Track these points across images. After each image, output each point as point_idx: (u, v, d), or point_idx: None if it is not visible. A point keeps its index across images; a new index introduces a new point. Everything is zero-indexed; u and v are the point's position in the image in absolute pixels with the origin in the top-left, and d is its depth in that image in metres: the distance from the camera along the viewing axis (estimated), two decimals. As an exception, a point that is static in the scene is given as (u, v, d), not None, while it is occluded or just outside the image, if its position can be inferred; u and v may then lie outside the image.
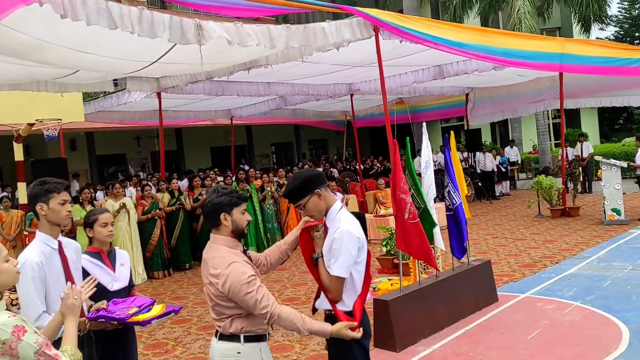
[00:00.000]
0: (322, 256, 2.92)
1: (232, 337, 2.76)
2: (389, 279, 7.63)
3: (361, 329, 2.86)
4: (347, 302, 2.91)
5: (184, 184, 12.82)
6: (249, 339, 2.77)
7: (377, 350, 5.28)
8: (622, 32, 29.51)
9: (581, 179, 14.93)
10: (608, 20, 22.05)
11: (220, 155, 20.33)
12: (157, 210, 9.48)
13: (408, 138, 5.75)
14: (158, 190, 10.12)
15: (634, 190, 13.81)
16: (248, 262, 2.84)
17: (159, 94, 10.75)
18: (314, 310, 3.16)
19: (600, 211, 11.96)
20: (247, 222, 2.94)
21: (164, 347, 5.93)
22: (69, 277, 3.12)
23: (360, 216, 11.62)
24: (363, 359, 2.92)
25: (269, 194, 11.10)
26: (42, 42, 6.06)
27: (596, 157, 11.54)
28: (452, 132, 6.40)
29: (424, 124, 5.85)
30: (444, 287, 5.92)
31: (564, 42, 10.96)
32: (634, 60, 12.14)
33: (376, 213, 11.68)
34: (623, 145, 20.11)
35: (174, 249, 9.91)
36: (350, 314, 2.90)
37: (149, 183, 10.61)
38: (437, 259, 6.11)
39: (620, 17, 29.97)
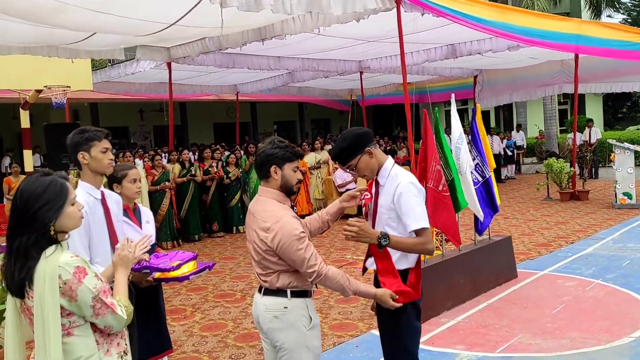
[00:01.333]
0: (387, 239, 2.74)
1: (279, 292, 2.69)
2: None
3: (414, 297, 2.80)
4: (403, 261, 2.83)
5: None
6: (296, 294, 2.70)
7: (400, 321, 5.24)
8: (629, 20, 29.31)
9: (590, 164, 14.89)
10: (619, 5, 21.86)
11: (223, 132, 20.18)
12: (167, 182, 9.37)
13: (437, 109, 5.62)
14: (169, 161, 10.00)
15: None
16: (297, 218, 2.75)
17: (169, 65, 10.57)
18: (364, 269, 3.09)
19: (609, 196, 11.94)
20: (297, 180, 2.85)
21: (183, 313, 5.88)
22: (111, 229, 3.03)
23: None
24: (416, 319, 2.85)
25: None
26: (61, 4, 5.90)
27: (610, 141, 11.47)
28: (478, 105, 6.31)
29: (453, 96, 5.72)
30: (466, 261, 5.87)
31: (581, 24, 10.86)
32: (646, 45, 12.07)
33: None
34: (619, 139, 20.05)
35: (183, 220, 9.82)
36: (405, 273, 2.81)
37: (160, 153, 10.48)
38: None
39: (629, 4, 29.77)
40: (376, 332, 4.98)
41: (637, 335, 4.59)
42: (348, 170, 2.99)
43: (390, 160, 2.91)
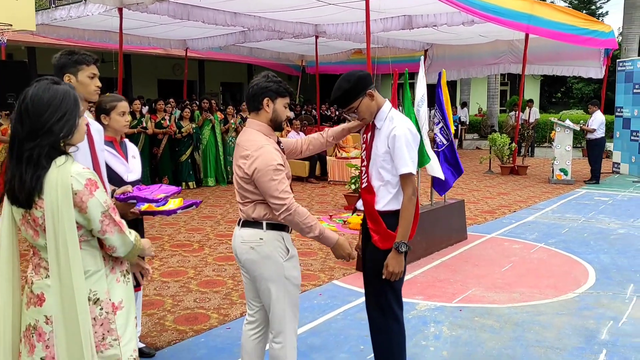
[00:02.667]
0: (402, 245, 2.81)
1: (255, 224, 2.72)
2: (358, 214, 7.73)
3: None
4: (394, 202, 2.89)
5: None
6: (271, 226, 2.71)
7: (359, 274, 5.39)
8: (570, 6, 30.53)
9: (530, 142, 15.60)
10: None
11: (168, 89, 19.56)
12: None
13: (407, 69, 5.73)
14: (118, 111, 9.63)
15: (578, 157, 14.63)
16: (279, 151, 2.76)
17: (120, 10, 10.10)
18: (354, 210, 3.16)
19: (545, 172, 12.62)
20: (287, 117, 2.86)
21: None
22: (94, 157, 2.93)
23: (321, 158, 11.67)
24: (403, 261, 2.94)
25: (233, 126, 10.86)
26: None
27: (552, 119, 12.06)
28: (444, 71, 6.46)
29: (422, 58, 5.83)
30: (423, 220, 6.02)
31: (533, 4, 11.21)
32: (589, 31, 12.69)
33: (336, 156, 11.78)
34: (560, 117, 21.09)
35: (132, 173, 9.54)
36: (394, 215, 2.88)
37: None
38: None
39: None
40: (338, 283, 5.16)
41: (580, 292, 4.95)
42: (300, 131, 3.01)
43: (388, 103, 2.94)
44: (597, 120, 11.16)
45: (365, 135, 3.02)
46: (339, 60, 18.39)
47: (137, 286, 3.67)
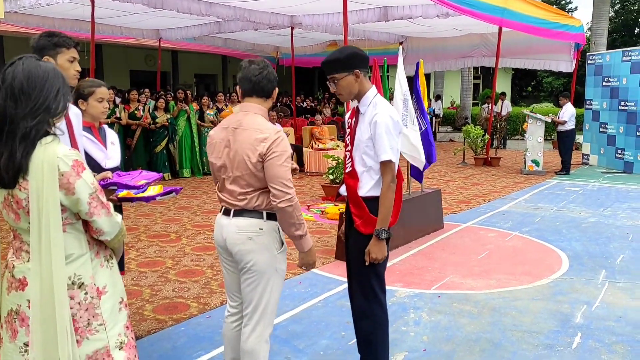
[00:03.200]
0: (382, 231, 2.81)
1: (255, 213, 2.64)
2: (335, 204, 7.77)
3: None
4: (377, 188, 2.90)
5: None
6: (270, 216, 2.68)
7: (338, 262, 5.42)
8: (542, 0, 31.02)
9: (503, 134, 15.83)
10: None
11: (141, 80, 19.25)
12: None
13: (386, 59, 5.76)
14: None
15: (549, 149, 14.93)
16: None
17: (92, -1, 9.91)
18: (338, 195, 3.17)
19: (517, 163, 12.84)
20: None
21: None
22: (73, 142, 2.86)
23: (297, 149, 11.66)
24: (386, 244, 2.96)
25: (208, 117, 10.76)
26: None
27: (524, 111, 12.27)
28: (422, 61, 6.50)
29: (400, 49, 5.86)
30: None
31: (507, -3, 11.34)
32: (560, 25, 12.93)
33: (312, 147, 11.77)
34: (532, 110, 21.48)
35: (105, 164, 9.38)
36: (377, 200, 2.88)
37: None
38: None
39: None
40: (317, 271, 5.18)
41: (554, 278, 5.06)
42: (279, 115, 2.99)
43: (373, 89, 2.93)
44: (568, 113, 11.38)
45: (350, 120, 3.02)
46: (314, 52, 18.36)
47: (121, 271, 3.65)
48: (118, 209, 3.43)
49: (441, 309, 4.28)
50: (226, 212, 2.71)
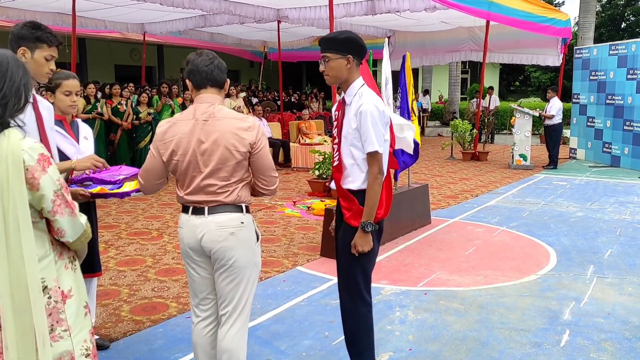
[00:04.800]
0: (368, 224, 2.74)
1: (235, 207, 2.52)
2: (322, 200, 7.65)
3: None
4: (365, 183, 2.80)
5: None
6: (249, 209, 2.61)
7: (323, 260, 5.31)
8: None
9: (490, 128, 15.81)
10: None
11: (126, 75, 18.98)
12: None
13: (371, 52, 5.64)
14: (71, 95, 9.23)
15: (536, 143, 14.91)
16: None
17: (73, -10, 9.70)
18: (328, 190, 3.07)
19: (505, 158, 12.80)
20: None
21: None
22: (43, 136, 2.71)
23: (284, 144, 11.53)
24: (376, 240, 2.86)
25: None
26: None
27: (512, 105, 12.21)
28: (408, 54, 6.39)
29: (386, 40, 5.75)
30: (387, 205, 6.02)
31: (494, -10, 11.25)
32: (548, 19, 12.89)
33: (299, 142, 11.65)
34: (520, 104, 21.48)
35: (87, 160, 9.18)
36: (361, 194, 2.79)
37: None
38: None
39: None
40: (302, 269, 5.07)
41: (542, 273, 4.98)
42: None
43: (360, 80, 2.82)
44: (556, 107, 11.34)
45: (337, 112, 2.92)
46: (301, 46, 18.20)
47: (98, 271, 3.52)
48: (89, 207, 3.29)
49: (427, 307, 4.18)
50: (197, 211, 2.54)
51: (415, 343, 3.59)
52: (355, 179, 2.82)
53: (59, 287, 1.94)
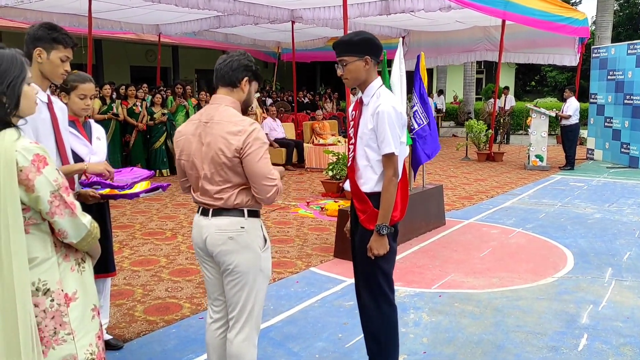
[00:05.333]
0: (383, 227, 2.71)
1: (235, 211, 2.48)
2: (335, 201, 7.63)
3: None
4: (381, 184, 2.77)
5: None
6: (251, 213, 2.52)
7: (337, 261, 5.29)
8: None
9: (506, 129, 15.66)
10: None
11: (141, 75, 19.12)
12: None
13: (385, 52, 5.59)
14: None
15: (553, 144, 14.74)
16: None
17: (89, -8, 9.77)
18: (342, 190, 3.04)
19: (521, 158, 12.67)
20: (253, 103, 2.69)
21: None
22: (58, 136, 2.74)
23: (298, 145, 11.53)
24: (393, 241, 2.83)
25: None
26: None
27: (528, 105, 12.08)
28: (423, 53, 6.34)
29: (400, 40, 5.71)
30: (401, 206, 5.98)
31: (510, -11, 11.14)
32: (563, 19, 12.73)
33: (313, 142, 11.65)
34: (536, 104, 21.27)
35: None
36: (374, 196, 2.76)
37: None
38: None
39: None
40: (315, 270, 5.05)
41: (559, 276, 4.91)
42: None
43: (378, 80, 2.80)
44: (573, 107, 11.20)
45: (353, 112, 2.89)
46: (315, 46, 18.18)
47: (112, 271, 3.52)
48: (103, 208, 3.31)
49: (442, 309, 4.14)
50: (204, 212, 2.54)
51: (430, 346, 3.55)
52: (367, 180, 2.80)
53: (62, 290, 1.91)
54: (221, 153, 2.41)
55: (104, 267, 3.26)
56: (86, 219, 1.95)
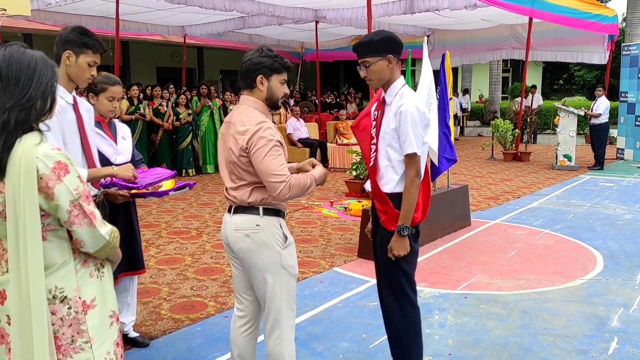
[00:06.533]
0: (404, 228, 2.69)
1: (251, 209, 2.52)
2: (359, 201, 7.60)
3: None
4: (402, 184, 2.75)
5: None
6: (268, 211, 2.54)
7: (360, 261, 5.27)
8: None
9: (533, 128, 15.42)
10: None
11: (167, 76, 19.36)
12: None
13: (410, 51, 5.57)
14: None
15: (581, 143, 14.48)
16: (278, 131, 2.60)
17: (117, -6, 9.91)
18: (363, 190, 3.04)
19: (548, 158, 12.47)
20: (284, 94, 2.67)
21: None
22: (84, 136, 2.78)
23: (322, 144, 11.53)
24: (414, 241, 2.81)
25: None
26: None
27: (556, 104, 11.88)
28: (448, 52, 6.29)
29: (425, 39, 5.68)
30: (426, 206, 5.93)
31: (537, -14, 10.97)
32: (592, 16, 12.47)
33: (337, 142, 11.64)
34: (564, 103, 20.90)
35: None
36: (395, 197, 2.74)
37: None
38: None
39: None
40: (339, 270, 5.04)
41: (588, 278, 4.81)
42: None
43: (401, 80, 2.79)
44: (603, 105, 10.96)
45: (376, 112, 2.88)
46: (339, 46, 18.16)
47: (140, 269, 3.56)
48: (129, 207, 3.35)
49: (467, 311, 4.09)
50: (229, 209, 2.64)
51: (455, 348, 3.51)
52: (388, 181, 2.78)
53: (80, 297, 1.88)
54: (232, 152, 2.51)
55: (132, 264, 3.30)
56: (105, 229, 1.90)
